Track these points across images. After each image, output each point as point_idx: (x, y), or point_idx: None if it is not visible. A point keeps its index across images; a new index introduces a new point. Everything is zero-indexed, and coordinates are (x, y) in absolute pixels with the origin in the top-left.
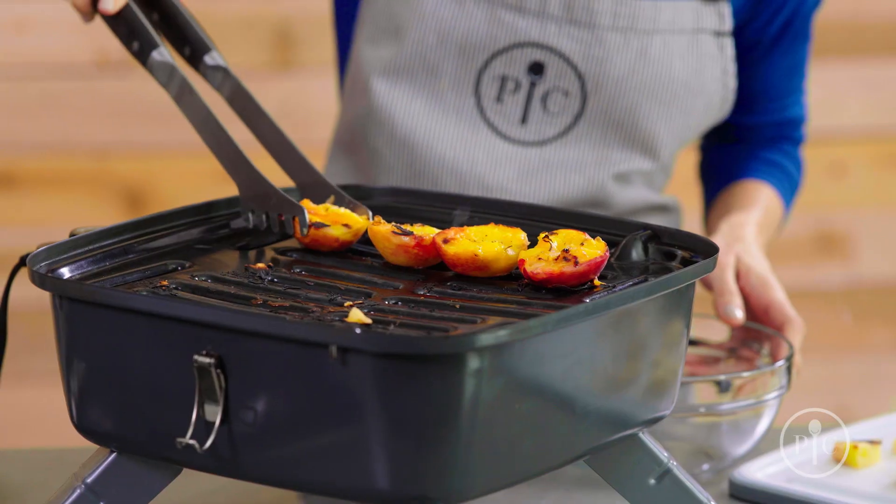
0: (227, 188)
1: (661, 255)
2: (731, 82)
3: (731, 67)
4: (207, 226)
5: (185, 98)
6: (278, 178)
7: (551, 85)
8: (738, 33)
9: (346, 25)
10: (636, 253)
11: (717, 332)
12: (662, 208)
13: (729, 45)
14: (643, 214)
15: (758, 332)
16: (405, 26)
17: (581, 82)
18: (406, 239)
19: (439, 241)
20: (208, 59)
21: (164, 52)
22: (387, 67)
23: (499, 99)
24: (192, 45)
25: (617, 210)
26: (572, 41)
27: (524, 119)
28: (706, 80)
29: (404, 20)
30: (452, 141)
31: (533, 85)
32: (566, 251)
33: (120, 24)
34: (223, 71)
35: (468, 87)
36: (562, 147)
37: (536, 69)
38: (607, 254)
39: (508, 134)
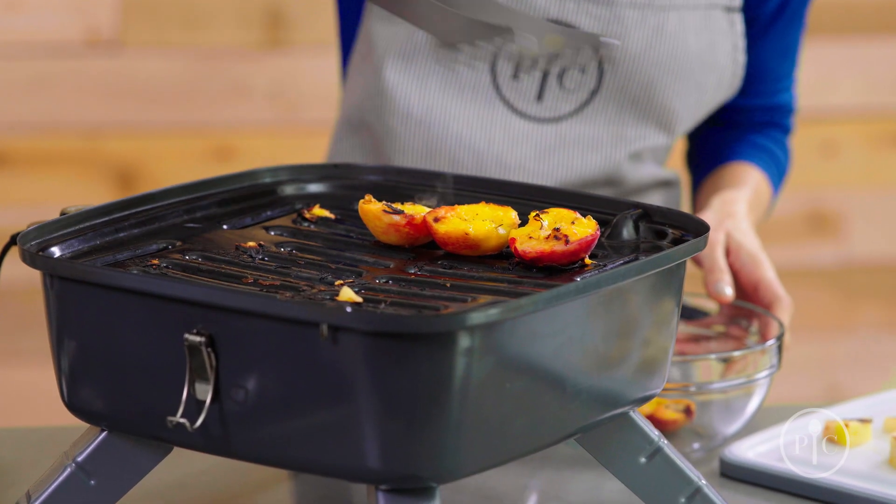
0: (218, 167)
1: (652, 234)
2: (741, 57)
3: (741, 43)
4: (198, 204)
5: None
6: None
7: (568, 62)
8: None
9: (351, 3)
10: (627, 232)
11: (708, 309)
12: (665, 183)
13: (738, 21)
14: (650, 190)
15: (746, 310)
16: None
17: (598, 59)
18: (397, 218)
19: (430, 219)
20: None
21: None
22: (402, 46)
23: (515, 76)
24: None
25: (628, 187)
26: (590, 18)
27: (540, 96)
28: (718, 55)
29: None
30: (469, 118)
31: (549, 62)
32: (557, 230)
33: None
34: None
35: (484, 65)
36: (578, 123)
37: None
38: (598, 232)
39: (524, 111)
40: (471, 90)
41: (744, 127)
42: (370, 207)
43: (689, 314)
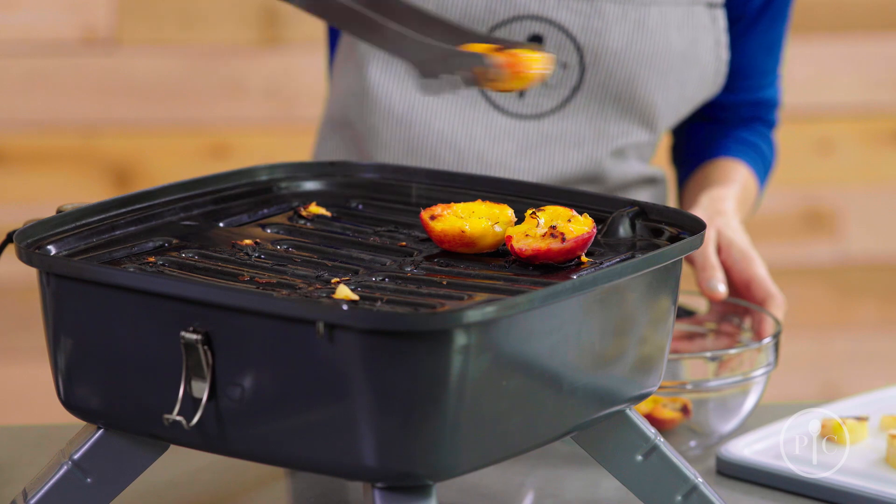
0: (214, 164)
1: (649, 232)
2: (724, 54)
3: (724, 39)
4: (195, 202)
5: (319, 4)
6: None
7: None
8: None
9: None
10: (623, 229)
11: (696, 307)
12: (651, 180)
13: (721, 17)
14: (635, 187)
15: (739, 307)
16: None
17: (580, 54)
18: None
19: (426, 217)
20: None
21: None
22: None
23: None
24: None
25: (611, 184)
26: (571, 13)
27: (522, 92)
28: (701, 52)
29: None
30: (450, 116)
31: None
32: (553, 227)
33: None
34: None
35: None
36: (559, 120)
37: (535, 42)
38: (594, 230)
39: (506, 107)
40: None
41: (729, 122)
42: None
43: (678, 313)
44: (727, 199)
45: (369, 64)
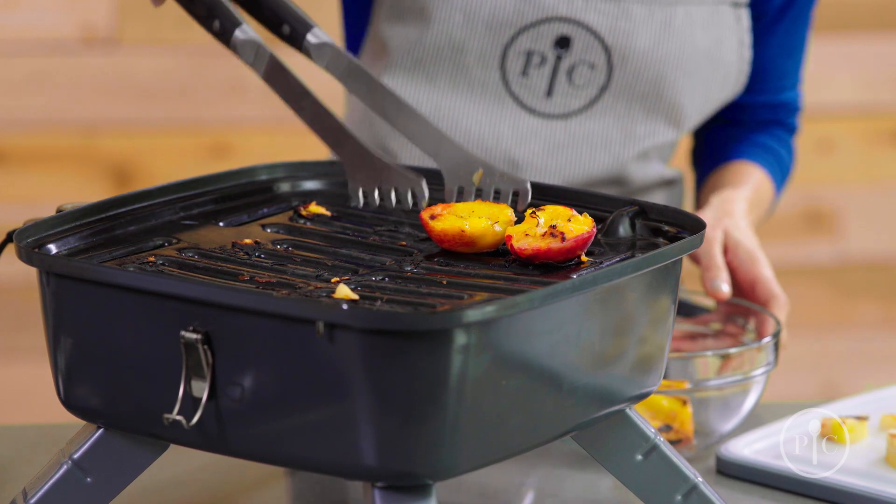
0: (214, 164)
1: (649, 231)
2: (747, 53)
3: (747, 38)
4: (194, 202)
5: (275, 75)
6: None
7: (577, 58)
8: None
9: (357, 4)
10: (623, 229)
11: (706, 304)
12: (669, 182)
13: (745, 17)
14: (654, 190)
15: (743, 307)
16: (430, 5)
17: (607, 55)
18: None
19: (426, 217)
20: (311, 38)
21: (248, 30)
22: (412, 46)
23: (524, 73)
24: (290, 24)
25: (633, 187)
26: (599, 14)
27: (549, 92)
28: (725, 51)
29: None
30: (477, 114)
31: (559, 59)
32: (553, 227)
33: (197, 4)
34: (331, 48)
35: (494, 62)
36: (587, 120)
37: (563, 43)
38: (594, 230)
39: (534, 107)
40: (480, 87)
41: (748, 125)
42: None
43: (689, 311)
44: (737, 200)
45: (397, 63)
